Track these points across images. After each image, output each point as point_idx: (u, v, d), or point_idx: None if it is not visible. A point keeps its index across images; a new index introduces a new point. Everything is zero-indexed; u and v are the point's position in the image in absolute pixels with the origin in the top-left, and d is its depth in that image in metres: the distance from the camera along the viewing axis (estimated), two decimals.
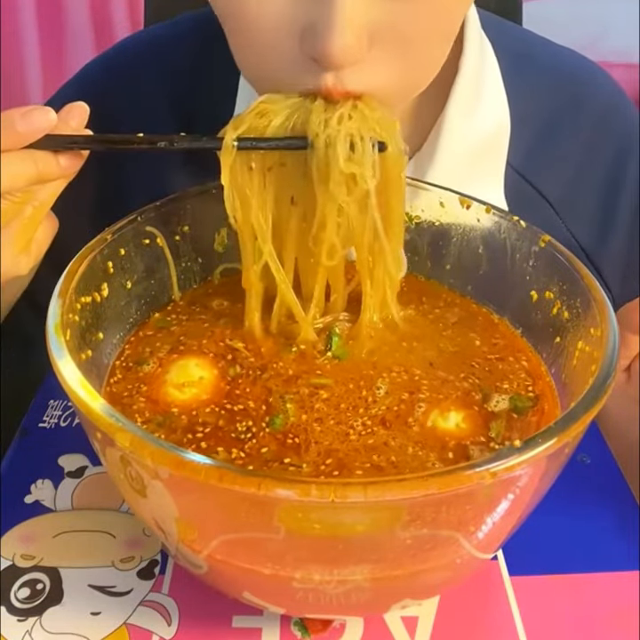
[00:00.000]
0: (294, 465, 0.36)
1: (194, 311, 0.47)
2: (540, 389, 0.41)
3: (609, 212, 0.59)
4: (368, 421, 0.38)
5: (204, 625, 0.41)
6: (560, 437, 0.30)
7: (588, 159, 0.58)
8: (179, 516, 0.33)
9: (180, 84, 0.59)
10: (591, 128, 0.58)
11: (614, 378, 0.34)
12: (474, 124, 0.53)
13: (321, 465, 0.36)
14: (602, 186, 0.59)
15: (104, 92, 0.59)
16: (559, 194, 0.57)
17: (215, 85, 0.57)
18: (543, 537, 0.45)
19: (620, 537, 0.46)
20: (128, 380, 0.41)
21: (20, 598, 0.42)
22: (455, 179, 0.50)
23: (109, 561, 0.44)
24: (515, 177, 0.56)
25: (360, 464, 0.36)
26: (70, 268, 0.39)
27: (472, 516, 0.32)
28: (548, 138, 0.57)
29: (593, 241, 0.58)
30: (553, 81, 0.58)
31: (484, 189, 0.53)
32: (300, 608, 0.39)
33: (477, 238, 0.47)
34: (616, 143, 0.59)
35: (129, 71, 0.60)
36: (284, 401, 0.39)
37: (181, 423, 0.38)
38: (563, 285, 0.42)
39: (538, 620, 0.41)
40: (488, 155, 0.55)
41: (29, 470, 0.49)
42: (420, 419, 0.39)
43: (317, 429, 0.38)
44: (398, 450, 0.37)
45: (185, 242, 0.46)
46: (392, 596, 0.37)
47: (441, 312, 0.47)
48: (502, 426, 0.38)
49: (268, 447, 0.37)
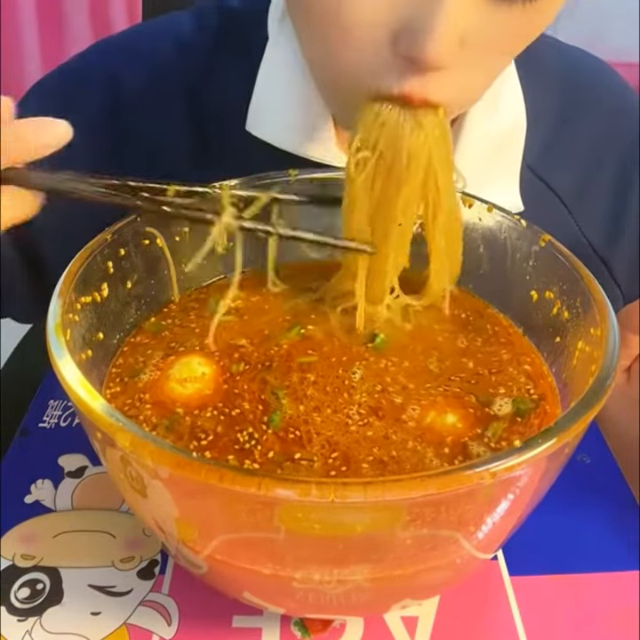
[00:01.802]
0: (305, 459, 0.36)
1: (194, 311, 0.47)
2: (542, 391, 0.41)
3: (620, 211, 0.59)
4: (362, 410, 0.39)
5: (203, 625, 0.41)
6: (560, 437, 0.30)
7: (599, 157, 0.58)
8: (179, 516, 0.33)
9: (197, 73, 0.57)
10: (602, 126, 0.58)
11: (614, 378, 0.33)
12: (493, 122, 0.53)
13: (328, 458, 0.36)
14: (613, 184, 0.59)
15: (123, 72, 0.58)
16: (571, 192, 0.58)
17: (230, 77, 0.56)
18: (543, 537, 0.45)
19: (620, 537, 0.46)
20: (128, 393, 0.41)
21: (20, 598, 0.42)
22: (474, 177, 0.49)
23: (109, 561, 0.44)
24: (528, 175, 0.56)
25: (364, 456, 0.36)
26: (70, 267, 0.39)
27: (472, 516, 0.32)
28: (560, 136, 0.57)
29: (604, 239, 0.58)
30: (563, 79, 0.59)
31: (502, 188, 0.53)
32: (300, 608, 0.39)
33: (478, 237, 0.47)
34: (627, 140, 0.59)
35: (150, 53, 0.59)
36: (277, 397, 0.39)
37: (186, 426, 0.38)
38: (563, 285, 0.42)
39: (538, 620, 0.41)
40: (505, 152, 0.55)
41: (29, 470, 0.49)
42: (416, 416, 0.39)
43: (318, 420, 0.38)
44: (399, 444, 0.37)
45: (185, 243, 0.46)
46: (392, 596, 0.37)
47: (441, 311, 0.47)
48: (501, 427, 0.38)
49: (274, 449, 0.37)
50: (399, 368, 0.42)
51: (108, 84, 0.58)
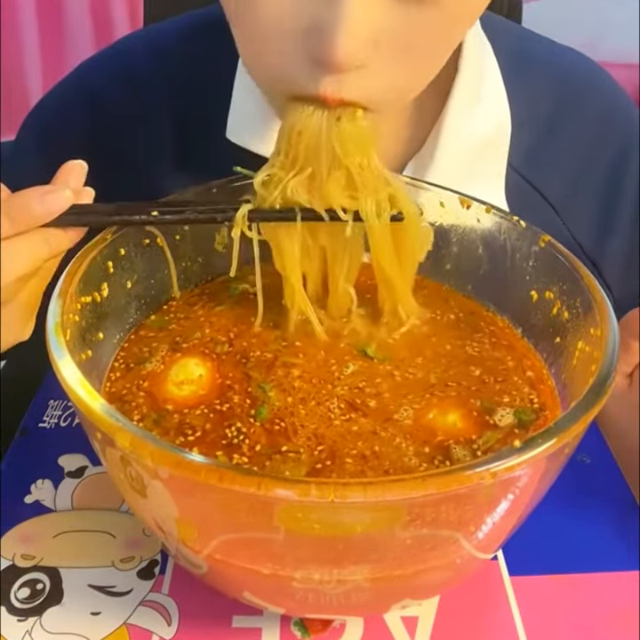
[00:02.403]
0: (292, 451, 0.36)
1: (194, 311, 0.47)
2: (544, 400, 0.41)
3: (609, 213, 0.59)
4: (342, 404, 0.39)
5: (204, 625, 0.41)
6: (560, 438, 0.30)
7: (588, 159, 0.58)
8: (179, 516, 0.33)
9: (178, 83, 0.59)
10: (592, 128, 0.58)
11: (614, 378, 0.33)
12: (474, 125, 0.53)
13: (315, 450, 0.37)
14: (602, 186, 0.59)
15: (102, 90, 0.60)
16: (560, 194, 0.58)
17: (210, 85, 0.57)
18: (543, 537, 0.45)
19: (620, 537, 0.46)
20: (127, 378, 0.41)
21: (20, 598, 0.42)
22: (456, 179, 0.50)
23: (109, 561, 0.44)
24: (515, 177, 0.56)
25: (348, 450, 0.36)
26: (70, 267, 0.39)
27: (472, 516, 0.32)
28: (548, 138, 0.57)
29: (593, 241, 0.59)
30: (553, 80, 0.59)
31: (485, 190, 0.53)
32: (300, 608, 0.39)
33: (477, 238, 0.47)
34: (616, 143, 0.59)
35: (128, 69, 0.60)
36: (264, 390, 0.40)
37: (174, 422, 0.38)
38: (563, 285, 0.42)
39: (538, 620, 0.41)
40: (489, 155, 0.55)
41: (29, 470, 0.49)
42: (412, 415, 0.39)
43: (302, 412, 0.39)
44: (386, 440, 0.37)
45: (185, 242, 0.46)
46: (392, 596, 0.37)
47: (441, 312, 0.47)
48: (495, 438, 0.38)
49: (260, 441, 0.37)
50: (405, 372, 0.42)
51: (87, 106, 0.59)
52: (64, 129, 0.60)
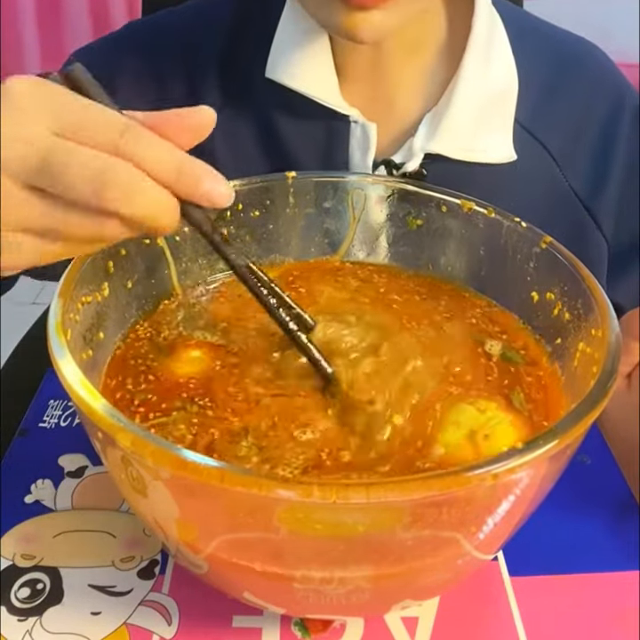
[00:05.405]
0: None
1: (194, 311, 0.47)
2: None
3: (603, 165, 0.64)
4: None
5: (204, 625, 0.41)
6: (561, 439, 0.30)
7: (585, 117, 0.64)
8: (179, 516, 0.33)
9: (220, 39, 0.62)
10: (586, 90, 0.65)
11: (615, 379, 0.33)
12: (486, 82, 0.59)
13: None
14: (597, 140, 0.64)
15: (151, 49, 0.63)
16: (560, 148, 0.63)
17: (251, 40, 0.61)
18: (543, 537, 0.45)
19: (620, 537, 0.46)
20: (128, 378, 0.41)
21: (20, 598, 0.42)
22: (468, 131, 0.58)
23: (109, 561, 0.44)
24: (521, 132, 0.61)
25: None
26: (71, 267, 0.39)
27: (473, 517, 0.32)
28: (549, 98, 0.63)
29: (589, 190, 0.63)
30: (553, 49, 0.66)
31: (496, 138, 0.60)
32: (301, 608, 0.39)
33: (478, 240, 0.47)
34: (609, 103, 0.65)
35: (174, 29, 0.64)
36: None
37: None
38: (564, 286, 0.42)
39: (538, 620, 0.41)
40: (498, 110, 0.60)
41: (29, 470, 0.49)
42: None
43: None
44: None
45: (185, 242, 0.46)
46: (392, 596, 0.37)
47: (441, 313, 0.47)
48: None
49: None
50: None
51: (147, 52, 0.64)
52: (113, 70, 0.62)
